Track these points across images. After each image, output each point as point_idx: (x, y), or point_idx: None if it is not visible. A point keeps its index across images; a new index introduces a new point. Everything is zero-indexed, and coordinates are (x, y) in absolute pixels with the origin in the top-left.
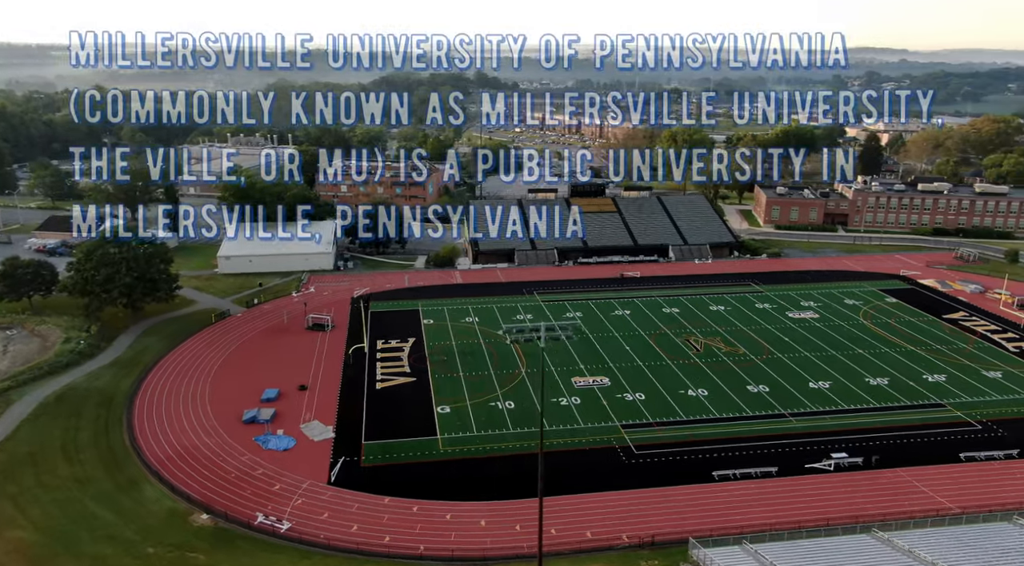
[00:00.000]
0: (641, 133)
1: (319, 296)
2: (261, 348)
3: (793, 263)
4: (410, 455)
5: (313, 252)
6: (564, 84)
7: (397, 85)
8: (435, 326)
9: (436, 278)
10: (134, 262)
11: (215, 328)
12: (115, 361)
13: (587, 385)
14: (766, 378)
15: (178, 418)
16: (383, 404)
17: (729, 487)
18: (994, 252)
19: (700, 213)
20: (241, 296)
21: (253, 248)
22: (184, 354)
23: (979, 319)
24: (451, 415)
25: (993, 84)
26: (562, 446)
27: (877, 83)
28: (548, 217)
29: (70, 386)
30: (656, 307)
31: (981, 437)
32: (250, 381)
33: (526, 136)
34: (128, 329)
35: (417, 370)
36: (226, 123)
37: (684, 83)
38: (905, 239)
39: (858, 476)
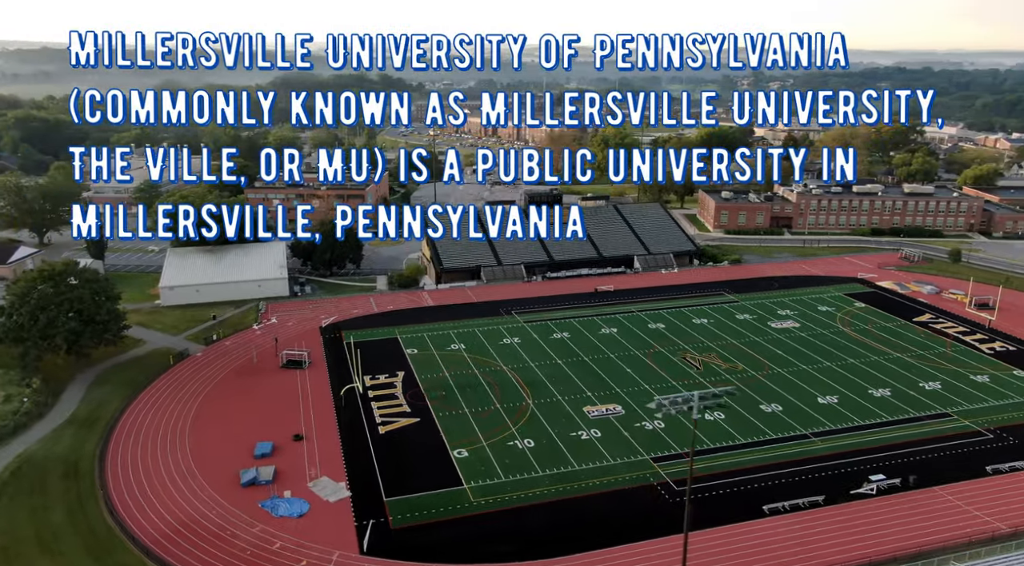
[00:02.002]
0: (570, 135)
1: (284, 327)
2: (236, 393)
3: (755, 269)
4: (441, 511)
5: (267, 278)
6: (467, 84)
7: (294, 85)
8: (421, 356)
9: (405, 301)
10: (77, 302)
11: (176, 372)
12: (70, 420)
13: (601, 414)
14: (775, 396)
15: (163, 485)
16: (392, 451)
17: (787, 522)
18: (933, 251)
19: (658, 221)
20: (196, 331)
21: (199, 275)
22: (148, 405)
23: (946, 321)
24: (471, 460)
25: (865, 83)
26: (597, 487)
27: (764, 82)
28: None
29: (25, 457)
30: (641, 323)
31: (996, 447)
32: (235, 434)
33: (441, 138)
34: (74, 379)
35: (417, 408)
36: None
37: (583, 83)
38: (848, 240)
39: (901, 499)
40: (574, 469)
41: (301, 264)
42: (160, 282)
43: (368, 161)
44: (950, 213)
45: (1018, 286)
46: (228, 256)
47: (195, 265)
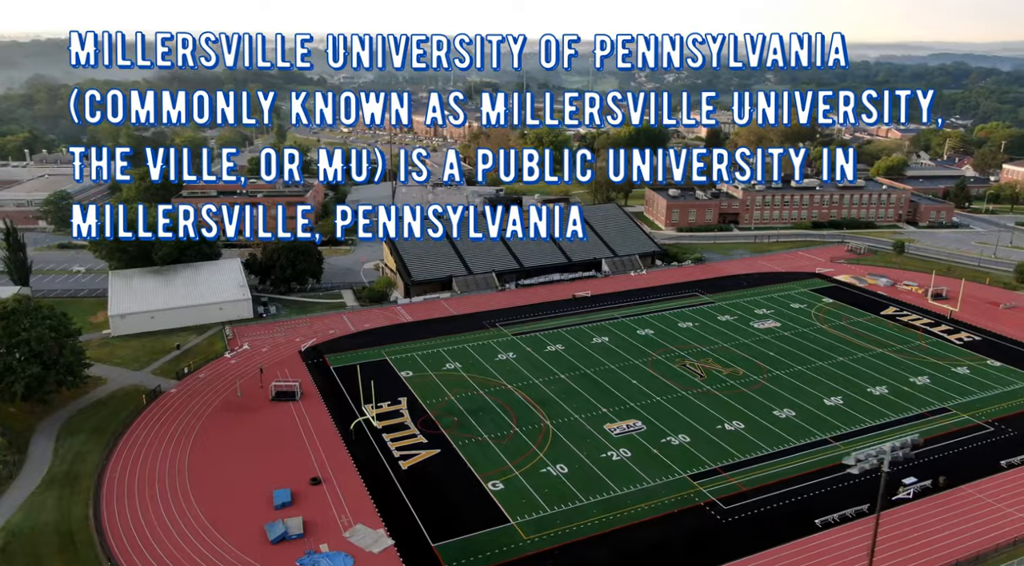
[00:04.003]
0: (496, 133)
1: (258, 354)
2: (229, 433)
3: (719, 268)
4: (496, 553)
5: (228, 300)
6: (367, 78)
7: (189, 82)
8: (419, 379)
9: (381, 317)
10: (36, 343)
11: (152, 413)
12: (48, 479)
13: (624, 432)
14: (783, 400)
15: (179, 548)
16: (422, 488)
17: (841, 534)
18: (875, 243)
19: (618, 223)
20: (161, 364)
21: (151, 301)
22: (133, 455)
23: (910, 313)
24: (509, 492)
25: (755, 75)
26: (645, 514)
27: (659, 76)
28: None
29: (9, 530)
30: (629, 330)
31: (1001, 439)
32: (244, 482)
33: (356, 136)
34: (37, 430)
35: (433, 438)
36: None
37: (498, 78)
38: (794, 234)
39: (938, 502)
40: (617, 495)
41: (259, 282)
42: (109, 309)
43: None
44: (881, 205)
45: (959, 275)
46: (178, 277)
47: (144, 289)
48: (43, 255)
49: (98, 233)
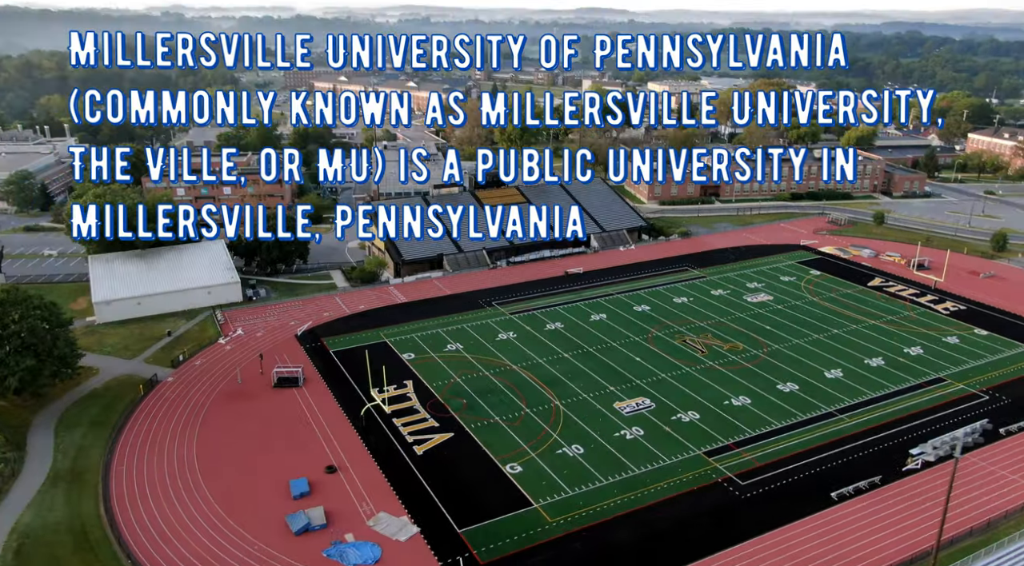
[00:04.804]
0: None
1: (253, 339)
2: (234, 422)
3: (706, 242)
4: (523, 537)
5: (217, 283)
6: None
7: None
8: (422, 361)
9: (375, 298)
10: (30, 335)
11: (151, 403)
12: (52, 476)
13: (634, 410)
14: (786, 374)
15: (200, 544)
16: (441, 473)
17: (860, 507)
18: (855, 214)
19: (604, 197)
20: (152, 353)
21: (136, 286)
22: (137, 448)
23: (896, 284)
24: (528, 475)
25: (701, 46)
26: (664, 493)
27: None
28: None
29: (21, 532)
30: (626, 306)
31: (997, 407)
32: (258, 472)
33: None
34: (33, 425)
35: (445, 421)
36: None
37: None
38: (774, 206)
39: (946, 471)
40: (636, 474)
41: (244, 264)
42: (93, 296)
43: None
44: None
45: (938, 245)
46: (162, 260)
47: (127, 274)
48: (9, 238)
49: (98, 234)
